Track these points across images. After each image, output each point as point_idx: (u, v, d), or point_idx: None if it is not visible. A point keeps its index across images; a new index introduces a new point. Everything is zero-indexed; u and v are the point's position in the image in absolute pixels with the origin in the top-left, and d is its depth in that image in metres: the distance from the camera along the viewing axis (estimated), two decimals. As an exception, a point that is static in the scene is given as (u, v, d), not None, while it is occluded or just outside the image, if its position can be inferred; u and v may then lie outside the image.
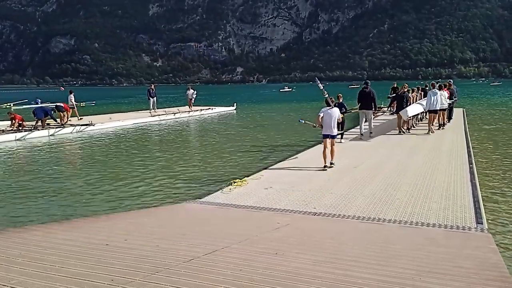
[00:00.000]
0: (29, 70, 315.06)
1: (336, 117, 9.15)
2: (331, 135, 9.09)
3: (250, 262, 3.71)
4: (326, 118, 9.11)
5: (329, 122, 9.07)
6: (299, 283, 3.16)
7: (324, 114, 9.16)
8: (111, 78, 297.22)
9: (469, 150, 11.21)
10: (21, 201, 8.24)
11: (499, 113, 27.12)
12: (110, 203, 8.03)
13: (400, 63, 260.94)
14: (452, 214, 5.78)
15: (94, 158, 13.19)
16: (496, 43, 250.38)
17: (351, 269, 3.56)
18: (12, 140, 16.79)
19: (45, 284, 3.07)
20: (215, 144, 15.87)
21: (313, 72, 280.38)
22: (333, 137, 9.18)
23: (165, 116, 26.04)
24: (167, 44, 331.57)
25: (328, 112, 9.13)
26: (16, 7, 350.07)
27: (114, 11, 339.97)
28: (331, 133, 9.07)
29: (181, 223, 6.00)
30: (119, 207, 7.71)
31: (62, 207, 7.85)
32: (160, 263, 3.61)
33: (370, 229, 5.30)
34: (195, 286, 3.04)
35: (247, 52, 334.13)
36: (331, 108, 9.23)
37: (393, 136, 14.48)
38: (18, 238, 4.82)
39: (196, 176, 10.20)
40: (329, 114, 9.11)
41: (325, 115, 9.14)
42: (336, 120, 9.16)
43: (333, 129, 9.11)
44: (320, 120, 9.22)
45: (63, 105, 20.25)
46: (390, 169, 8.93)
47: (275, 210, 6.23)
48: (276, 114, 31.31)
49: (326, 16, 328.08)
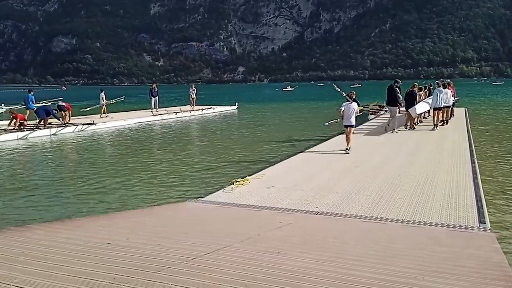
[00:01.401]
0: (30, 69, 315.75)
1: (354, 110, 11.04)
2: (350, 125, 11.01)
3: (253, 261, 3.70)
4: (346, 111, 11.07)
5: (349, 114, 10.98)
6: (302, 282, 3.15)
7: (344, 107, 11.18)
8: (112, 77, 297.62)
9: (472, 149, 11.18)
10: (23, 200, 8.25)
11: (501, 113, 27.08)
12: (112, 202, 8.04)
13: (402, 62, 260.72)
14: (455, 213, 5.77)
15: (96, 158, 13.20)
16: (498, 43, 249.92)
17: (354, 268, 3.55)
18: (14, 139, 16.82)
19: (47, 282, 3.07)
20: (217, 143, 15.87)
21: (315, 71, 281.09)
22: (352, 126, 11.12)
23: (167, 115, 26.07)
24: (169, 44, 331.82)
25: (348, 106, 11.12)
26: (18, 6, 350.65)
27: (115, 10, 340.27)
28: (350, 123, 11.01)
29: (183, 222, 5.99)
30: (121, 206, 7.71)
31: (64, 206, 7.86)
32: (162, 262, 3.60)
33: (372, 229, 5.28)
34: (198, 285, 3.04)
35: (248, 52, 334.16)
36: (350, 103, 11.22)
37: (395, 134, 14.46)
38: (20, 237, 4.83)
39: (197, 175, 10.20)
40: (349, 107, 11.10)
41: (345, 108, 11.14)
42: (354, 113, 11.03)
43: (351, 120, 11.00)
44: (341, 113, 11.17)
45: (65, 105, 20.27)
46: (392, 168, 8.91)
47: (277, 209, 6.22)
48: (278, 113, 31.30)
49: (328, 15, 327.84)
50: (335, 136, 15.02)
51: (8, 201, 8.27)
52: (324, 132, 17.99)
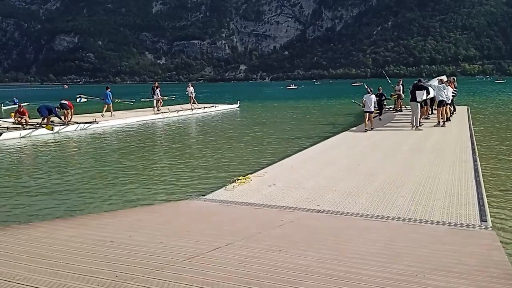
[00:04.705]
0: (33, 68, 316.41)
1: (373, 100, 15.36)
2: (370, 111, 15.02)
3: (254, 259, 3.71)
4: (367, 101, 15.13)
5: (369, 103, 15.06)
6: (303, 280, 3.16)
7: (366, 98, 15.24)
8: (114, 76, 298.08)
9: (474, 147, 11.17)
10: (26, 198, 8.28)
11: (503, 111, 26.99)
12: (114, 200, 8.05)
13: (404, 60, 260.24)
14: (456, 211, 5.76)
15: (98, 156, 13.22)
16: (500, 41, 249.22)
17: (356, 267, 3.56)
18: (17, 137, 16.86)
19: (50, 280, 3.09)
20: (218, 141, 15.88)
21: (316, 70, 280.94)
22: (371, 113, 15.18)
23: (169, 113, 26.07)
24: (171, 42, 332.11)
25: (369, 97, 15.22)
26: (20, 5, 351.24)
27: (117, 9, 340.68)
28: (369, 110, 15.00)
29: (185, 220, 6.01)
30: (123, 204, 7.73)
31: (66, 203, 7.88)
32: (165, 259, 3.62)
33: (374, 227, 5.29)
34: (200, 283, 3.05)
35: (250, 50, 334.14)
36: (370, 95, 15.35)
37: (397, 131, 14.48)
38: (23, 234, 4.85)
39: (199, 173, 10.21)
40: (369, 98, 15.20)
41: (366, 99, 15.20)
42: (373, 102, 15.23)
43: (371, 107, 15.05)
44: (363, 102, 15.45)
45: (67, 103, 20.29)
46: (394, 167, 8.91)
47: (278, 207, 6.23)
48: (280, 112, 31.27)
49: (330, 13, 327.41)
50: (336, 134, 15.04)
51: (10, 199, 8.30)
52: (326, 130, 17.99)
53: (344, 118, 23.76)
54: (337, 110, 31.23)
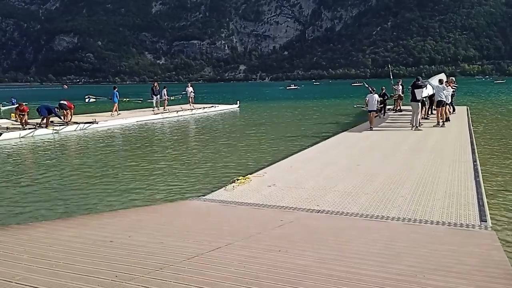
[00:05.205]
0: (32, 68, 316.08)
1: (376, 99, 15.86)
2: (373, 110, 15.74)
3: (254, 259, 3.71)
4: (370, 100, 15.70)
5: (372, 102, 15.65)
6: (303, 280, 3.16)
7: (369, 98, 15.84)
8: (114, 76, 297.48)
9: (473, 147, 11.17)
10: (26, 198, 8.27)
11: (503, 111, 27.01)
12: (114, 200, 8.05)
13: (404, 60, 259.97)
14: (456, 211, 5.77)
15: (97, 156, 13.22)
16: (500, 41, 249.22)
17: (355, 267, 3.56)
18: (16, 137, 16.86)
19: (50, 280, 3.09)
20: (218, 141, 15.88)
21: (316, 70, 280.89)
22: (374, 111, 16.04)
23: (168, 114, 26.07)
24: (170, 42, 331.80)
25: (372, 97, 15.78)
26: (20, 5, 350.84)
27: (117, 9, 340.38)
28: (372, 108, 15.72)
29: (184, 220, 6.01)
30: (123, 204, 7.72)
31: (66, 203, 7.87)
32: (164, 260, 3.62)
33: (373, 227, 5.29)
34: (200, 283, 3.05)
35: (250, 50, 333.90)
36: (373, 94, 15.92)
37: (397, 131, 14.49)
38: (23, 234, 4.85)
39: (199, 173, 10.21)
40: (372, 97, 15.75)
41: (369, 98, 15.77)
42: (375, 102, 15.84)
43: (374, 106, 15.77)
44: (366, 101, 16.09)
45: (66, 103, 20.29)
46: (394, 166, 8.91)
47: (278, 207, 6.23)
48: (279, 112, 31.27)
49: (329, 13, 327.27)
50: (336, 134, 15.05)
51: (10, 199, 8.29)
52: (325, 130, 17.99)
53: (344, 118, 23.78)
54: (336, 110, 31.25)
